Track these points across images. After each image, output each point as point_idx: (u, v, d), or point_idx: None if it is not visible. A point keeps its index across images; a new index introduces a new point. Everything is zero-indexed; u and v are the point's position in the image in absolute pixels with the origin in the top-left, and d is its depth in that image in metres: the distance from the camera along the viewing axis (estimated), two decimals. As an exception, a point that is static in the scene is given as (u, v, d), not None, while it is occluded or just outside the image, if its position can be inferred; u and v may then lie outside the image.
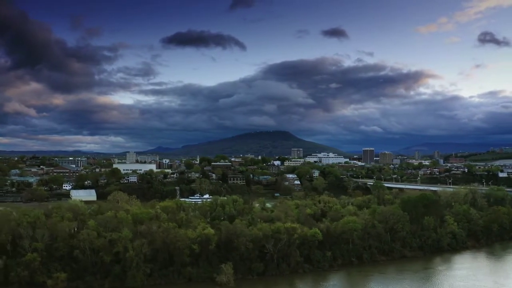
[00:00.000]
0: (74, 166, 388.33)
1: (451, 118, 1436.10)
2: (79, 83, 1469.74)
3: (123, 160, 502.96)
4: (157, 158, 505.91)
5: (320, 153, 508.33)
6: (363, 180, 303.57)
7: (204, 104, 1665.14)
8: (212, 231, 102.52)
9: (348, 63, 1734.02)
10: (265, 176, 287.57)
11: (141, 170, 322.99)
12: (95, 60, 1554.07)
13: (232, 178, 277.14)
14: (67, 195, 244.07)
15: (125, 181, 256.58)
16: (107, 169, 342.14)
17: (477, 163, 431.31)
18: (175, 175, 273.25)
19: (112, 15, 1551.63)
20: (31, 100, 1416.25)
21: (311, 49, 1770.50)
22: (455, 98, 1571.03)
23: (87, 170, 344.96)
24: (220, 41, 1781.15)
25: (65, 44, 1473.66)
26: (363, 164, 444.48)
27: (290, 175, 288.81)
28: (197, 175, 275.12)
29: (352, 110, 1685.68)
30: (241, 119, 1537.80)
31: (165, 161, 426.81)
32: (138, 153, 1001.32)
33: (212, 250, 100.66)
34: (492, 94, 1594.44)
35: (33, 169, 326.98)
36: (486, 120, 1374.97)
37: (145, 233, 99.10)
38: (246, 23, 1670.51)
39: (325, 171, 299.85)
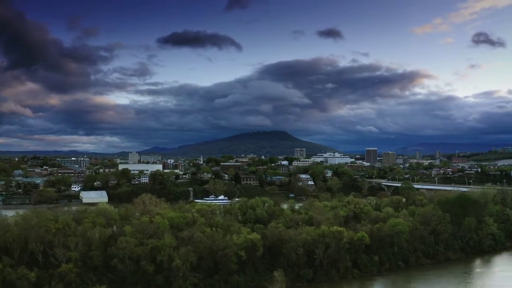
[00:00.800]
0: (77, 166, 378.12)
1: (447, 118, 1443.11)
2: (75, 83, 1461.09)
3: (124, 160, 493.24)
4: (160, 158, 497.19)
5: (325, 153, 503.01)
6: (376, 180, 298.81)
7: (200, 104, 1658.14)
8: (258, 236, 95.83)
9: (343, 63, 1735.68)
10: (278, 177, 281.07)
11: (147, 170, 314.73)
12: (91, 60, 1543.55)
13: (244, 179, 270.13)
14: (76, 196, 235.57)
15: (136, 182, 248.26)
16: (111, 169, 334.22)
17: (481, 163, 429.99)
18: (187, 176, 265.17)
19: (109, 15, 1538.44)
20: (27, 100, 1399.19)
21: (306, 50, 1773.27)
22: (450, 98, 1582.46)
23: (90, 170, 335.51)
24: (216, 41, 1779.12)
25: (61, 44, 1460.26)
26: (367, 164, 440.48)
27: (303, 176, 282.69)
28: (209, 175, 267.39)
29: (348, 110, 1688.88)
30: (237, 119, 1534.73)
31: (170, 161, 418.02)
32: (127, 153, 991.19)
33: (259, 256, 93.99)
34: (487, 94, 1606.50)
35: (37, 170, 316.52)
36: (482, 120, 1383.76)
37: (187, 239, 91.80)
38: (242, 23, 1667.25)
39: (338, 172, 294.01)
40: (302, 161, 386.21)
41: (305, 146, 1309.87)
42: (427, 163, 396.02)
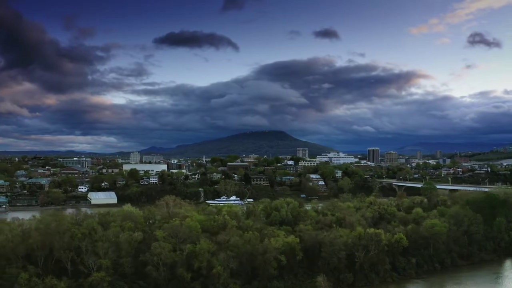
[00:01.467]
0: (79, 166, 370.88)
1: (443, 118, 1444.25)
2: (72, 83, 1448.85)
3: (125, 160, 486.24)
4: (162, 158, 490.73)
5: (328, 153, 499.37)
6: (387, 180, 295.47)
7: (197, 104, 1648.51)
8: (296, 239, 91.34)
9: (340, 63, 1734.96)
10: (287, 177, 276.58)
11: (153, 170, 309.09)
12: (88, 60, 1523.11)
13: (254, 179, 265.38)
14: (83, 197, 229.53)
15: (145, 183, 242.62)
16: (114, 170, 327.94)
17: (484, 163, 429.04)
18: (196, 176, 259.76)
19: (106, 15, 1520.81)
20: (24, 100, 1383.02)
21: (303, 50, 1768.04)
22: (447, 98, 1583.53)
23: (93, 171, 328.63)
24: (212, 41, 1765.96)
25: (58, 44, 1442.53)
26: (372, 163, 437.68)
27: (313, 176, 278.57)
28: (218, 176, 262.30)
29: (344, 110, 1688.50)
30: (234, 119, 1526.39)
31: (173, 161, 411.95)
32: (126, 153, 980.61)
33: (297, 260, 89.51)
34: (483, 94, 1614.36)
35: (40, 170, 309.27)
36: (478, 120, 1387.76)
37: (224, 244, 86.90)
38: (238, 24, 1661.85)
39: (348, 172, 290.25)
40: (309, 161, 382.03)
41: (303, 146, 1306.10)
42: (434, 163, 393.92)
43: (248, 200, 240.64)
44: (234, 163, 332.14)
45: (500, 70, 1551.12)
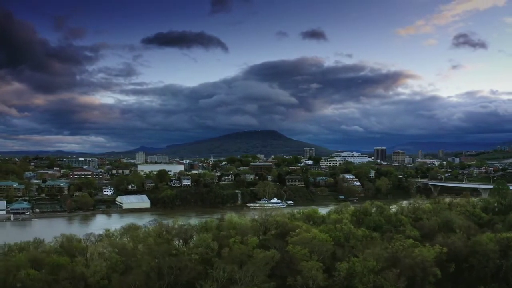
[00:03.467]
0: (87, 167, 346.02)
1: (431, 117, 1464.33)
2: (61, 83, 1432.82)
3: (129, 160, 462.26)
4: (167, 158, 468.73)
5: (342, 152, 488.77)
6: (421, 180, 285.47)
7: (185, 104, 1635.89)
8: (445, 248, 76.67)
9: (328, 63, 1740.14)
10: (322, 177, 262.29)
11: (171, 171, 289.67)
12: (77, 60, 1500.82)
13: (289, 180, 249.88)
14: (109, 201, 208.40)
15: (177, 185, 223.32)
16: (124, 170, 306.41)
17: (493, 162, 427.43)
18: (229, 177, 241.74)
19: (96, 15, 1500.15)
20: (13, 100, 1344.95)
21: (290, 51, 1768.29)
22: (434, 98, 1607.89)
23: (101, 171, 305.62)
24: (201, 42, 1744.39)
25: (47, 44, 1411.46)
26: (384, 163, 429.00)
27: (348, 176, 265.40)
28: (251, 176, 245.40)
29: (333, 110, 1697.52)
30: (223, 119, 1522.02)
31: (186, 162, 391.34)
32: (121, 153, 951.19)
33: (448, 273, 75.16)
34: (469, 94, 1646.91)
35: (50, 171, 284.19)
36: (466, 120, 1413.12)
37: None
38: (227, 25, 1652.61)
39: (381, 172, 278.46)
40: (330, 160, 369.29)
41: (296, 145, 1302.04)
42: (457, 162, 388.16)
43: (288, 202, 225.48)
44: (256, 163, 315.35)
45: (486, 71, 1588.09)
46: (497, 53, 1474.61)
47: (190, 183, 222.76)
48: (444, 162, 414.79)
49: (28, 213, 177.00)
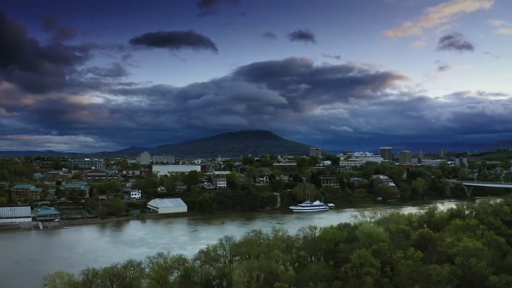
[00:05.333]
0: (93, 168, 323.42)
1: (419, 118, 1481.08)
2: (50, 83, 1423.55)
3: (133, 160, 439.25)
4: (173, 158, 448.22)
5: (354, 152, 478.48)
6: (453, 181, 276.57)
7: (174, 104, 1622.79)
8: None
9: (316, 64, 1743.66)
10: (356, 178, 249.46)
11: (187, 172, 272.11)
12: (66, 60, 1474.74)
13: (324, 181, 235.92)
14: (139, 205, 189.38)
15: (210, 187, 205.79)
16: (135, 171, 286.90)
17: (498, 162, 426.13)
18: (264, 179, 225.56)
19: (86, 15, 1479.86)
20: (2, 100, 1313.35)
21: (279, 52, 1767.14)
22: (422, 99, 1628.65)
23: (115, 172, 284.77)
24: (190, 42, 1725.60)
25: (37, 44, 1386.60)
26: (397, 163, 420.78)
27: (382, 176, 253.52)
28: (285, 178, 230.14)
29: (322, 110, 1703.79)
30: (212, 119, 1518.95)
31: (197, 161, 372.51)
32: (109, 153, 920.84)
33: None
34: (457, 95, 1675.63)
35: (60, 173, 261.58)
36: (454, 120, 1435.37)
37: None
38: (215, 26, 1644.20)
39: (413, 172, 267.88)
40: (351, 160, 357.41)
41: (290, 145, 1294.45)
42: (479, 162, 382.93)
43: (329, 204, 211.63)
44: (280, 164, 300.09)
45: (473, 72, 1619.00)
46: (483, 55, 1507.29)
47: (225, 185, 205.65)
48: (466, 163, 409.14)
49: (57, 220, 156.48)
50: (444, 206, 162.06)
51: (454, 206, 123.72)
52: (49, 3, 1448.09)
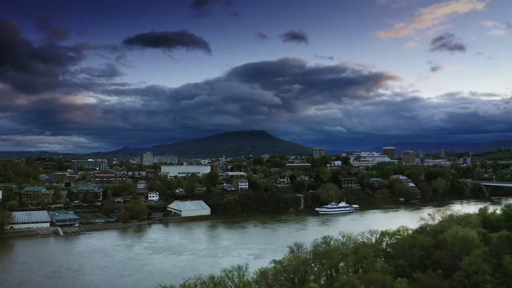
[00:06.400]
0: (98, 169, 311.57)
1: (412, 118, 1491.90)
2: (43, 83, 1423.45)
3: (132, 161, 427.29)
4: (177, 158, 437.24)
5: (360, 151, 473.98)
6: (471, 181, 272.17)
7: (167, 105, 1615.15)
8: None
9: (310, 65, 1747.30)
10: (376, 179, 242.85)
11: (199, 173, 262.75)
12: (60, 60, 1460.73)
13: (345, 182, 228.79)
14: (158, 208, 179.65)
15: (232, 188, 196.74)
16: (141, 172, 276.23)
17: (503, 162, 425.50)
18: (285, 180, 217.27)
19: (80, 16, 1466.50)
20: None
21: (272, 53, 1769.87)
22: (415, 99, 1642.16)
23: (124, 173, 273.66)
24: (184, 43, 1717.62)
25: (31, 45, 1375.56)
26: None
27: (402, 177, 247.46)
28: (306, 178, 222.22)
29: (315, 110, 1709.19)
30: (205, 119, 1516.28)
31: (204, 162, 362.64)
32: (104, 154, 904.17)
33: None
34: (449, 95, 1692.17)
35: (67, 174, 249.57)
36: (447, 120, 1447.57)
37: None
38: (208, 27, 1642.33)
39: (431, 172, 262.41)
40: (362, 160, 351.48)
41: (285, 145, 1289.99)
42: (491, 162, 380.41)
43: (354, 206, 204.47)
44: (294, 164, 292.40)
45: (465, 73, 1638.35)
46: (475, 56, 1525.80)
47: (247, 186, 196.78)
48: (479, 162, 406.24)
49: (76, 225, 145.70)
50: (475, 207, 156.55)
51: (491, 207, 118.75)
52: (42, 4, 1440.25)
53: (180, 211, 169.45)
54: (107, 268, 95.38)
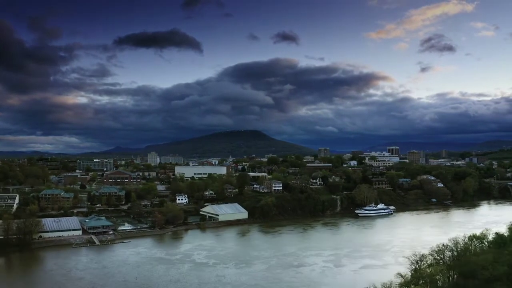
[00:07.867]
0: (105, 169, 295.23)
1: (403, 118, 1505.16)
2: (35, 83, 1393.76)
3: (127, 160, 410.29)
4: (182, 159, 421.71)
5: (370, 152, 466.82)
6: (496, 181, 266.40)
7: (158, 105, 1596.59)
8: None
9: (301, 65, 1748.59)
10: (405, 179, 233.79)
11: (215, 173, 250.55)
12: (52, 60, 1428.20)
13: (376, 182, 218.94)
14: (193, 212, 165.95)
15: (265, 190, 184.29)
16: (151, 173, 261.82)
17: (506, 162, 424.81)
18: (317, 181, 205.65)
19: (72, 16, 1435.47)
20: None
21: (263, 53, 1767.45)
22: (405, 100, 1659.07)
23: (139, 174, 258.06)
24: (175, 42, 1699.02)
25: (23, 45, 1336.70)
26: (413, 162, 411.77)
27: (431, 177, 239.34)
28: (337, 179, 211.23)
29: (307, 110, 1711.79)
30: (196, 119, 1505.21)
31: (215, 162, 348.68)
32: (97, 154, 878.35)
33: None
34: (439, 96, 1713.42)
35: (78, 175, 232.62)
36: (438, 120, 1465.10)
37: None
38: (200, 28, 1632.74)
39: (458, 172, 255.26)
40: (380, 160, 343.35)
41: (280, 145, 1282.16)
42: (475, 162, 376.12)
43: (391, 208, 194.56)
44: (314, 164, 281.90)
45: (455, 73, 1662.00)
46: (464, 56, 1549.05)
47: (281, 188, 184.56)
48: (486, 162, 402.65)
49: (111, 232, 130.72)
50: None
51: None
52: (36, 4, 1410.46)
53: (217, 215, 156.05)
54: (180, 283, 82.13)
